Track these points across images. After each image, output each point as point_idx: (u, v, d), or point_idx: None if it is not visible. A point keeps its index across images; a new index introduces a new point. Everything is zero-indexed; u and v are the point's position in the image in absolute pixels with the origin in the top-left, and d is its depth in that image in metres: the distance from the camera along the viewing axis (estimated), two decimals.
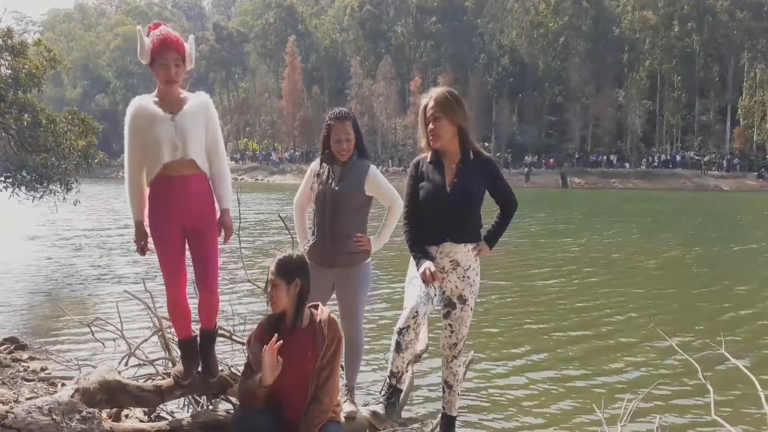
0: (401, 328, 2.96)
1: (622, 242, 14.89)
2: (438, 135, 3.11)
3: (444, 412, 3.38)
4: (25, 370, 4.50)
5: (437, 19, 58.88)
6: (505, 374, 5.28)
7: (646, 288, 9.20)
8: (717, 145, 50.77)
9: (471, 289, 3.19)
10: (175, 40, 2.97)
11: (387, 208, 3.58)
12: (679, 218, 22.07)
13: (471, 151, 3.15)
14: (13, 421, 2.59)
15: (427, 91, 3.27)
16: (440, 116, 3.09)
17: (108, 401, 3.09)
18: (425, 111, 3.14)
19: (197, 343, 3.20)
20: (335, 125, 3.46)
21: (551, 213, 24.07)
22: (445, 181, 3.13)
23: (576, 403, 4.59)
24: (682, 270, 11.17)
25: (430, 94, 3.17)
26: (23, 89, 7.06)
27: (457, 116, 3.12)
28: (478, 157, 3.18)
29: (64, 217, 9.83)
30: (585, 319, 7.29)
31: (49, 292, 8.25)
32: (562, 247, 13.91)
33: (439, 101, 3.10)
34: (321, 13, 70.51)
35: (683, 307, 7.94)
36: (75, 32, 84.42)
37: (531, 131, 54.37)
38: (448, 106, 3.09)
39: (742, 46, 50.96)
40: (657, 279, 10.06)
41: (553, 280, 9.77)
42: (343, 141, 3.45)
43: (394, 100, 56.33)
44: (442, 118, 3.09)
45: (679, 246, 14.24)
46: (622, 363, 5.60)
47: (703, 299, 8.46)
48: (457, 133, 3.14)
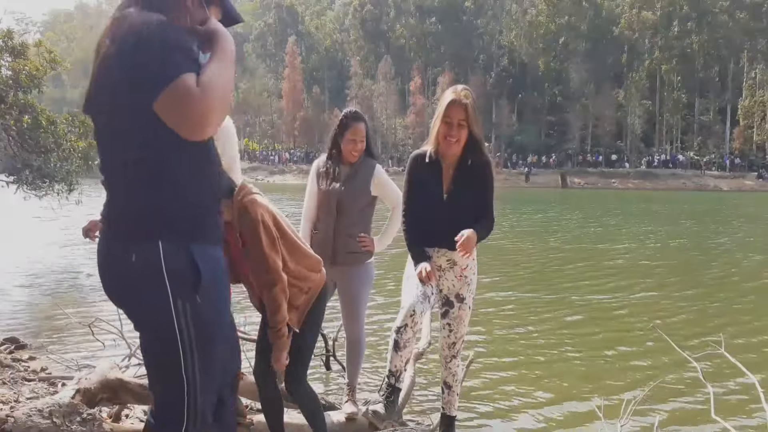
0: (398, 327, 2.96)
1: (622, 242, 14.89)
2: (459, 143, 3.01)
3: (443, 412, 3.38)
4: (26, 370, 4.50)
5: (437, 19, 58.91)
6: (505, 374, 5.28)
7: (646, 287, 9.20)
8: (717, 145, 50.82)
9: (468, 288, 3.18)
10: None
11: (391, 209, 3.58)
12: (679, 219, 22.06)
13: (470, 159, 3.05)
14: (14, 425, 2.59)
15: (437, 92, 3.15)
16: (466, 125, 2.98)
17: (109, 399, 3.09)
18: (449, 111, 2.97)
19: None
20: (352, 125, 3.43)
21: (550, 212, 24.07)
22: (441, 188, 3.07)
23: (576, 402, 4.59)
24: (682, 270, 11.17)
25: (459, 96, 2.97)
26: (23, 90, 7.05)
27: (479, 126, 3.03)
28: (477, 161, 3.07)
29: (66, 216, 9.84)
30: (585, 318, 7.28)
31: (49, 292, 8.24)
32: (561, 247, 13.91)
33: (471, 111, 2.96)
34: (321, 14, 70.49)
35: (683, 307, 7.94)
36: (76, 32, 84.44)
37: (531, 131, 54.40)
38: (475, 117, 3.00)
39: (741, 46, 51.02)
40: (657, 279, 10.06)
41: (553, 280, 9.77)
42: (358, 141, 3.43)
43: (394, 100, 56.36)
44: (466, 128, 2.99)
45: (679, 246, 14.23)
46: (622, 363, 5.60)
47: (703, 299, 8.46)
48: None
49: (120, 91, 1.57)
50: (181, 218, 1.64)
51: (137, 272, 1.61)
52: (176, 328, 1.62)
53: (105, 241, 1.71)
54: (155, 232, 1.61)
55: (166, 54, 1.52)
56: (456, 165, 3.07)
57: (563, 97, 54.64)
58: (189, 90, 1.50)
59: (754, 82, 49.01)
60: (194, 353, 1.66)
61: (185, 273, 1.62)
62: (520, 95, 56.43)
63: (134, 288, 1.64)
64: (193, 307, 1.63)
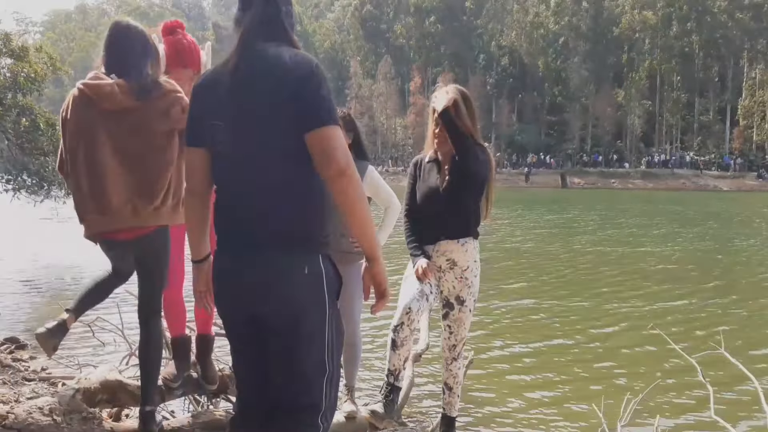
0: (395, 326, 2.97)
1: (622, 242, 14.88)
2: (442, 141, 3.09)
3: (444, 413, 3.38)
4: (26, 370, 4.50)
5: (437, 19, 58.88)
6: (505, 374, 5.29)
7: (647, 288, 9.20)
8: (716, 145, 50.81)
9: (469, 291, 3.17)
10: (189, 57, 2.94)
11: (384, 209, 3.59)
12: (680, 219, 22.05)
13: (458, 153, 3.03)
14: (14, 421, 2.59)
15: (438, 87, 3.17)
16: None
17: (109, 401, 3.08)
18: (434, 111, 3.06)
19: (190, 344, 3.18)
20: None
21: (548, 212, 24.06)
22: (439, 182, 3.12)
23: (576, 403, 4.60)
24: (682, 270, 11.16)
25: (441, 97, 3.02)
26: (22, 92, 7.02)
27: (468, 119, 3.05)
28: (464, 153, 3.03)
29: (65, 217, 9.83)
30: (585, 319, 7.28)
31: (50, 292, 8.25)
32: (560, 246, 13.91)
33: (455, 108, 2.99)
34: (320, 16, 70.49)
35: (683, 307, 7.94)
36: (76, 32, 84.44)
37: (531, 131, 54.39)
38: (462, 112, 3.01)
39: (741, 46, 51.02)
40: (658, 279, 10.06)
41: (552, 281, 9.77)
42: None
43: (394, 100, 56.36)
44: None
45: (679, 246, 14.23)
46: (623, 363, 5.60)
47: (703, 299, 8.46)
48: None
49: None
50: (321, 230, 1.88)
51: (308, 284, 1.81)
52: (326, 329, 1.87)
53: (256, 254, 1.79)
54: (315, 245, 1.85)
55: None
56: (451, 160, 3.10)
57: (563, 97, 54.65)
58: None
59: (754, 82, 49.01)
60: (334, 352, 1.91)
61: (333, 281, 1.89)
62: (520, 95, 56.44)
63: (301, 298, 1.81)
64: (335, 311, 1.91)
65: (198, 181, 1.91)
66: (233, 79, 1.80)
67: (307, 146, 1.73)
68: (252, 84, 1.78)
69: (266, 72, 1.77)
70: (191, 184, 1.95)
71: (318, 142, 1.72)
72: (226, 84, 1.81)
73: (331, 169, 1.73)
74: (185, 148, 1.93)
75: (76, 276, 9.48)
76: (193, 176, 1.92)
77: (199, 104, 1.87)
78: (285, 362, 1.85)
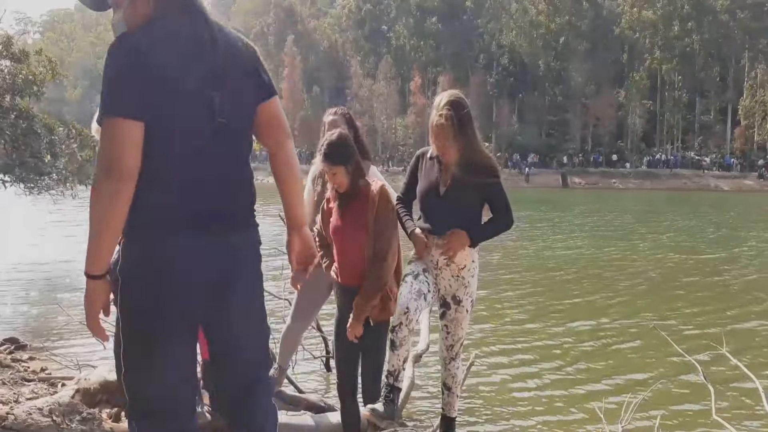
0: (393, 326, 2.95)
1: (621, 242, 14.88)
2: (450, 151, 3.03)
3: (443, 413, 3.37)
4: (26, 371, 4.50)
5: (437, 19, 58.83)
6: (506, 374, 5.28)
7: (647, 288, 9.20)
8: (717, 145, 50.76)
9: (465, 291, 3.14)
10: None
11: None
12: (680, 219, 22.05)
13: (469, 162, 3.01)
14: (14, 422, 2.59)
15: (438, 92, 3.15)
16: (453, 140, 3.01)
17: (108, 401, 3.08)
18: (433, 133, 3.02)
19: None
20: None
21: (548, 213, 24.07)
22: (439, 183, 3.07)
23: (576, 403, 4.59)
24: (682, 270, 11.16)
25: (439, 119, 2.96)
26: (21, 95, 6.97)
27: (468, 132, 3.01)
28: (478, 163, 3.03)
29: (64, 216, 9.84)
30: (585, 319, 7.28)
31: (49, 292, 8.24)
32: (559, 247, 13.91)
33: (451, 127, 2.96)
34: (320, 15, 70.46)
35: (684, 307, 7.93)
36: (75, 32, 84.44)
37: (531, 131, 54.31)
38: (463, 128, 2.98)
39: (742, 46, 50.96)
40: (658, 279, 10.05)
41: (553, 281, 9.77)
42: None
43: (394, 100, 56.30)
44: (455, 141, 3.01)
45: (679, 246, 14.23)
46: (623, 363, 5.60)
47: (704, 299, 8.45)
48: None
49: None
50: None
51: (257, 252, 1.94)
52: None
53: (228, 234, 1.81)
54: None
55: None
56: (456, 164, 3.03)
57: (564, 97, 54.59)
58: None
59: (755, 82, 48.92)
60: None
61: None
62: (520, 95, 56.39)
63: (255, 265, 1.93)
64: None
65: (135, 161, 1.62)
66: (214, 50, 1.73)
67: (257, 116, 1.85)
68: (235, 56, 1.80)
69: (235, 45, 1.83)
70: (128, 165, 1.61)
71: (275, 108, 1.87)
72: (206, 55, 1.71)
73: (285, 133, 1.89)
74: (119, 121, 1.61)
75: (76, 275, 9.48)
76: (131, 156, 1.61)
77: (159, 71, 1.62)
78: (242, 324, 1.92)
